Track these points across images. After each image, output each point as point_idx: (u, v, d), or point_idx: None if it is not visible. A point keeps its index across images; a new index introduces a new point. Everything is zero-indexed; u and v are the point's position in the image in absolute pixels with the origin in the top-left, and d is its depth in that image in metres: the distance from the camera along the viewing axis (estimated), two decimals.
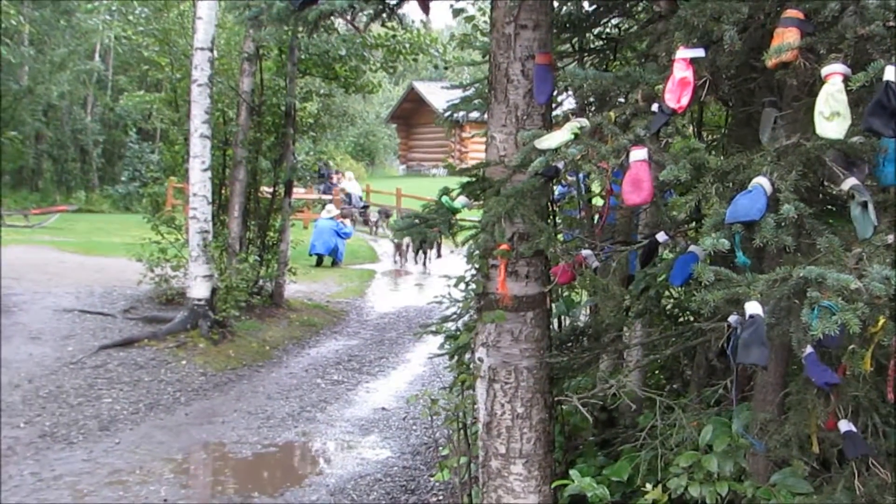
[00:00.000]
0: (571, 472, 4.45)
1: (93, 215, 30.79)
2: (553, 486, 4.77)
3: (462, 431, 5.49)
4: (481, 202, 4.71)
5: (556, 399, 5.01)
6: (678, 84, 3.45)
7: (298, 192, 20.15)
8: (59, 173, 35.35)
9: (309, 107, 16.44)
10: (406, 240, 17.27)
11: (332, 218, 20.75)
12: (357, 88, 16.42)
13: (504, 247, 4.37)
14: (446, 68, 18.20)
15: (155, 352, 11.38)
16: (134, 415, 9.31)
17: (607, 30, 6.81)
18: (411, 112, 50.01)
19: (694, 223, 5.02)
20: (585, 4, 6.03)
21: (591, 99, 4.51)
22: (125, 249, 16.67)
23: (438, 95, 45.30)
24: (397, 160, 52.54)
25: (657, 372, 6.90)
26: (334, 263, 20.43)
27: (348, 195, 29.27)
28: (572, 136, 3.65)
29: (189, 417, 9.25)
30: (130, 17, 19.15)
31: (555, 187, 7.48)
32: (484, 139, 5.01)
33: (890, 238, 3.25)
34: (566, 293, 6.77)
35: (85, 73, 35.23)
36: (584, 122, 3.74)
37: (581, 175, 6.29)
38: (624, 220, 6.44)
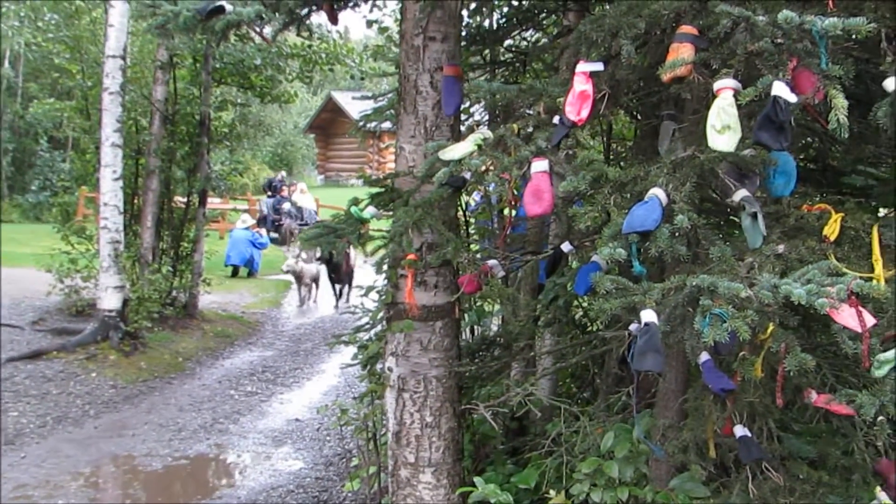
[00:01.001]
0: (476, 479, 4.49)
1: (1, 225, 30.01)
2: (458, 492, 4.81)
3: (372, 441, 5.50)
4: (391, 212, 4.74)
5: (465, 408, 5.05)
6: (578, 97, 3.52)
7: (214, 202, 19.94)
8: None
9: (224, 116, 16.30)
10: (309, 267, 16.41)
11: (247, 228, 20.57)
12: (273, 98, 16.34)
13: (411, 256, 4.40)
14: (363, 79, 18.19)
15: (64, 364, 11.15)
16: (41, 428, 9.11)
17: (518, 42, 6.91)
18: (329, 122, 49.80)
19: (599, 233, 5.12)
20: (495, 17, 6.12)
21: (496, 112, 4.57)
22: (34, 260, 16.26)
23: (356, 105, 45.20)
24: (315, 170, 52.26)
25: (567, 380, 7.00)
26: (250, 274, 20.25)
27: (299, 209, 26.84)
28: (476, 148, 3.70)
29: (98, 430, 9.08)
30: (40, 24, 18.84)
31: (471, 199, 7.56)
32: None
33: (780, 248, 3.37)
34: (478, 303, 6.84)
35: None
36: (488, 133, 3.79)
37: (492, 186, 6.36)
38: (534, 230, 6.52)
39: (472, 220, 7.62)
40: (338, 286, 17.33)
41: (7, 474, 7.79)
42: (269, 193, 28.09)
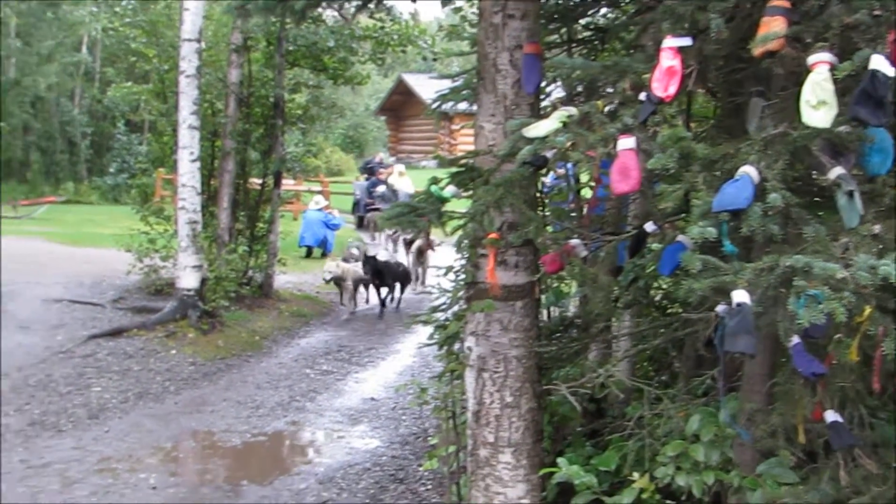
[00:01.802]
0: (559, 460, 4.46)
1: (81, 206, 30.68)
2: (540, 473, 4.78)
3: (451, 421, 5.49)
4: (470, 192, 4.71)
5: (546, 388, 5.02)
6: (665, 73, 3.45)
7: (287, 183, 20.10)
8: (47, 165, 35.17)
9: (298, 98, 16.39)
10: (354, 268, 15.06)
11: (320, 209, 20.70)
12: (346, 80, 16.36)
13: (493, 236, 4.37)
14: (435, 60, 18.15)
15: (144, 341, 11.37)
16: (123, 403, 9.31)
17: (595, 20, 6.81)
18: (400, 104, 49.85)
19: (682, 213, 5.03)
20: None
21: (580, 88, 4.50)
22: (114, 240, 16.59)
23: (427, 87, 45.10)
24: (387, 152, 52.46)
25: (645, 363, 6.92)
26: (324, 255, 20.39)
27: (395, 193, 23.31)
28: (560, 125, 3.65)
29: (178, 406, 9.25)
30: (117, 9, 19.08)
31: (544, 179, 7.49)
32: (473, 130, 5.01)
33: (876, 228, 3.27)
34: (555, 284, 6.78)
35: (72, 65, 35.07)
36: (573, 110, 3.73)
37: (570, 166, 6.29)
38: (613, 210, 6.44)
39: (547, 202, 7.56)
40: (383, 291, 15.12)
41: (91, 447, 7.98)
42: (366, 176, 27.06)
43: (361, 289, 15.45)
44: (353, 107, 46.95)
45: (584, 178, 6.52)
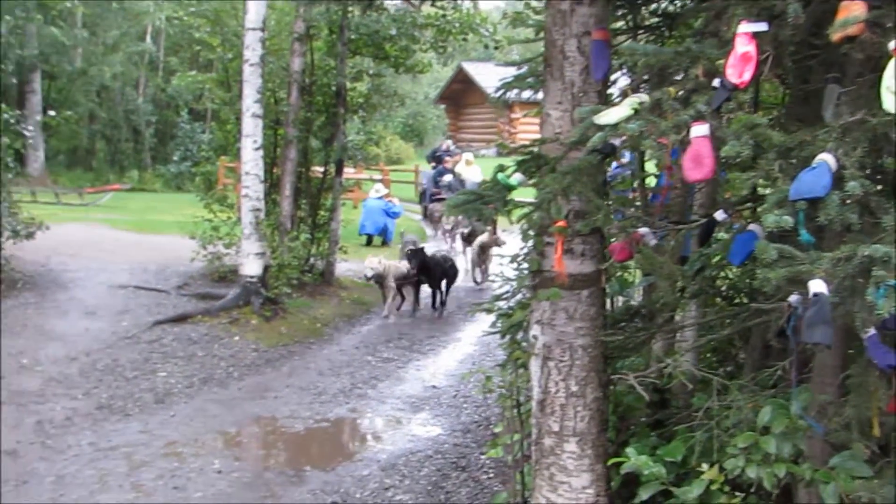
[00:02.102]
0: (628, 450, 4.43)
1: (145, 194, 31.15)
2: (609, 463, 4.75)
3: (515, 410, 5.48)
4: (536, 180, 4.68)
5: (615, 377, 4.98)
6: (740, 59, 3.39)
7: (347, 171, 20.20)
8: (112, 153, 35.80)
9: (359, 87, 16.44)
10: (397, 267, 13.52)
11: (381, 197, 20.76)
12: (407, 68, 16.35)
13: (561, 223, 4.34)
14: (496, 48, 18.05)
15: (208, 327, 11.53)
16: (188, 388, 9.45)
17: (663, 6, 6.72)
18: (460, 93, 49.79)
19: (750, 202, 4.95)
20: None
21: (647, 76, 4.44)
22: (178, 227, 16.84)
23: (487, 76, 45.09)
24: (446, 140, 52.45)
25: (708, 354, 6.84)
26: (384, 243, 20.46)
27: (462, 183, 21.68)
28: (632, 112, 3.61)
29: (242, 392, 9.36)
30: None
31: (607, 168, 7.42)
32: (533, 119, 4.98)
33: None
34: (619, 273, 6.73)
35: (137, 55, 35.63)
36: (644, 97, 3.69)
37: (630, 155, 6.25)
38: (678, 199, 6.37)
39: (610, 191, 7.49)
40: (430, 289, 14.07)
41: (157, 431, 8.12)
42: (433, 165, 25.94)
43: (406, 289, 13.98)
44: (412, 95, 46.94)
45: (648, 165, 6.45)
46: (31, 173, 27.68)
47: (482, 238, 15.52)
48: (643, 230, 4.56)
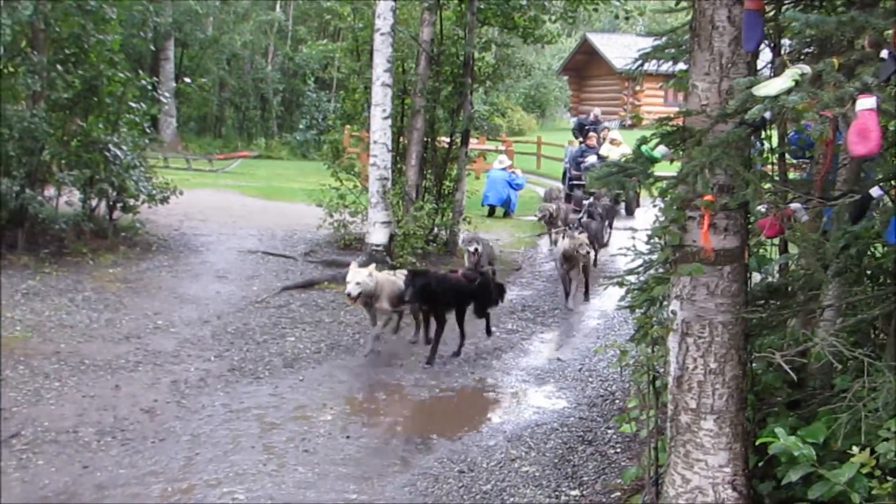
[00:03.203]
0: (777, 429, 4.33)
1: (272, 161, 31.86)
2: (758, 442, 4.65)
3: (651, 385, 5.42)
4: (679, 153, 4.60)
5: (759, 356, 4.88)
6: None
7: (471, 142, 20.25)
8: (240, 120, 36.76)
9: (486, 57, 16.41)
10: (387, 281, 9.50)
11: (504, 169, 20.72)
12: (536, 39, 16.24)
13: (709, 197, 4.25)
14: (627, 18, 17.78)
15: (335, 294, 11.75)
16: (316, 354, 9.63)
17: None
18: (584, 64, 49.37)
19: None
20: None
21: (808, 48, 4.30)
22: (304, 195, 17.18)
23: (612, 47, 44.57)
24: (567, 113, 52.01)
25: (846, 334, 6.63)
26: (506, 214, 20.45)
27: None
28: (793, 84, 3.50)
29: (368, 359, 9.47)
30: None
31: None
32: (656, 92, 4.87)
33: None
34: (756, 250, 6.57)
35: (266, 24, 36.32)
36: (806, 68, 3.57)
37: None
38: (819, 176, 6.16)
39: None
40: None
41: (287, 395, 8.31)
42: (580, 140, 22.18)
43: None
44: (535, 66, 46.70)
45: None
46: (164, 139, 28.57)
47: (564, 245, 12.33)
48: (794, 205, 4.44)
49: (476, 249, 12.28)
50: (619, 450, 7.07)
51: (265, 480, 6.34)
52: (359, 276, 9.19)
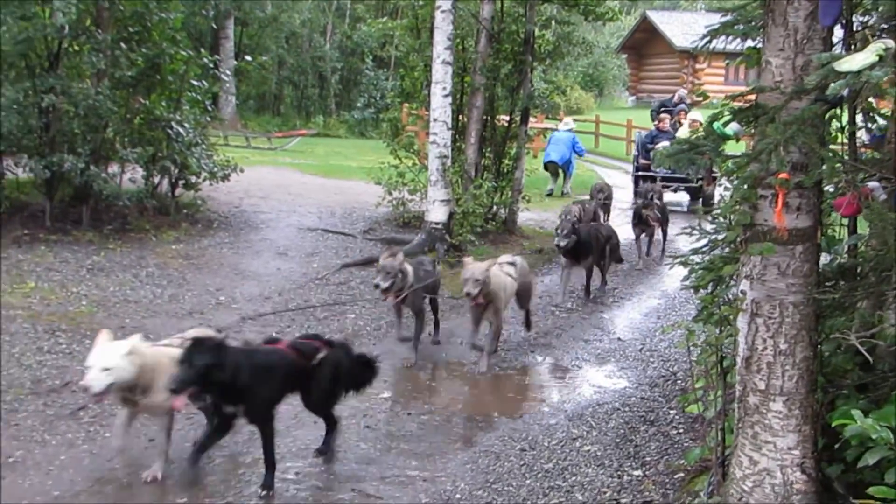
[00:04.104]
0: (854, 412, 4.25)
1: (330, 139, 32.03)
2: (834, 423, 4.58)
3: (718, 366, 5.36)
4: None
5: (835, 337, 4.80)
6: None
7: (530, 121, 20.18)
8: (298, 99, 36.99)
9: (546, 34, 16.29)
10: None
11: (569, 130, 20.52)
12: (596, 16, 16.07)
13: (784, 175, 4.18)
14: None
15: None
16: (376, 330, 9.68)
17: None
18: (643, 42, 48.87)
19: None
20: None
21: (885, 24, 4.19)
22: (363, 173, 17.24)
23: (672, 25, 44.09)
24: (626, 91, 51.56)
25: None
26: (565, 180, 20.30)
27: None
28: (876, 59, 3.42)
29: (429, 336, 9.48)
30: None
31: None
32: (717, 70, 4.78)
33: None
34: (825, 230, 6.46)
35: (325, 2, 36.43)
36: (890, 43, 3.48)
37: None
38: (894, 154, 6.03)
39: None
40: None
41: None
42: (656, 123, 19.67)
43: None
44: (594, 44, 46.34)
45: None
46: (224, 118, 28.84)
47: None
48: (872, 184, 4.35)
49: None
50: (681, 431, 7.01)
51: (327, 455, 6.38)
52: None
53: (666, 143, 15.16)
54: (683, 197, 19.17)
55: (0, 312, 8.84)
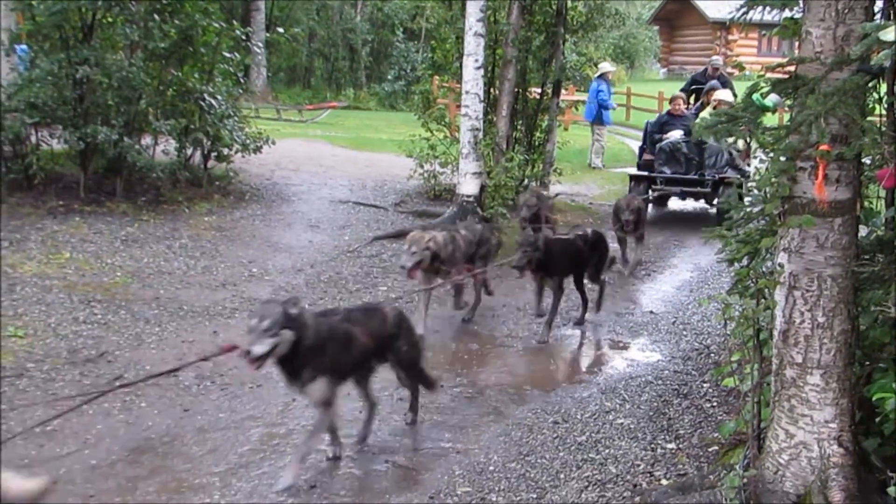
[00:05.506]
0: (892, 385, 4.23)
1: (360, 112, 31.97)
2: (874, 397, 4.55)
3: (754, 339, 5.34)
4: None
5: (878, 309, 4.76)
6: None
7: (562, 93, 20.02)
8: (329, 71, 36.95)
9: (579, 6, 16.14)
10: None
11: (599, 77, 20.06)
12: None
13: (825, 147, 4.13)
14: None
15: None
16: (409, 304, 9.66)
17: None
18: (675, 13, 48.39)
19: None
20: None
21: None
22: (393, 145, 17.23)
23: None
24: (657, 63, 51.09)
25: None
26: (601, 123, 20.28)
27: (700, 149, 14.13)
28: None
29: (461, 310, 9.48)
30: None
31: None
32: (749, 42, 4.71)
33: None
34: (863, 203, 6.40)
35: None
36: None
37: None
38: None
39: None
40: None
41: None
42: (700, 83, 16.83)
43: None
44: (625, 16, 45.91)
45: None
46: (255, 90, 28.87)
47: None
48: None
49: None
50: (714, 404, 6.99)
51: (361, 426, 6.40)
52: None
53: (678, 133, 14.65)
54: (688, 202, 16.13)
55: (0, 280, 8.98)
